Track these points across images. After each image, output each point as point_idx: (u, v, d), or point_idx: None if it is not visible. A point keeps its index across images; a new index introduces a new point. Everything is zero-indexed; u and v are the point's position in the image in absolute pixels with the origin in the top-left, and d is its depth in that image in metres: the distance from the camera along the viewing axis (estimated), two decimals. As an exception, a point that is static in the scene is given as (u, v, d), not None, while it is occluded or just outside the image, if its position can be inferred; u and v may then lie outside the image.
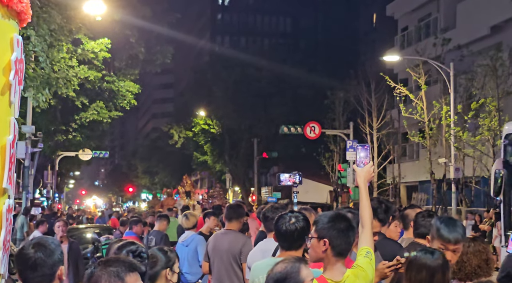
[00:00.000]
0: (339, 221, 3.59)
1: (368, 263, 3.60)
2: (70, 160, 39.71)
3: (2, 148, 2.66)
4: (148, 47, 26.55)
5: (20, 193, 24.20)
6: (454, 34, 29.63)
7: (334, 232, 3.57)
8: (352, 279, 3.51)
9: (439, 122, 26.06)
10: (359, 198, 3.96)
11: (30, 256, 2.99)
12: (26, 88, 14.25)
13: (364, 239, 3.75)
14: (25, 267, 2.99)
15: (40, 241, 3.10)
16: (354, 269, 3.56)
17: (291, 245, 4.08)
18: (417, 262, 3.65)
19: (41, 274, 2.99)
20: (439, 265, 3.60)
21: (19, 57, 2.75)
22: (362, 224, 3.79)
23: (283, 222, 4.08)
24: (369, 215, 3.83)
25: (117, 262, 2.67)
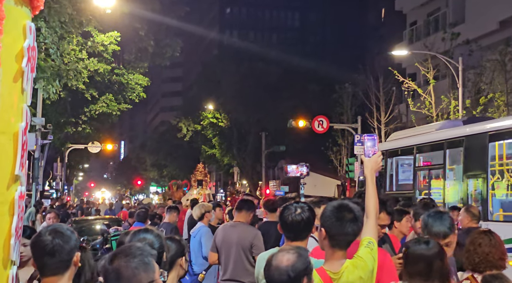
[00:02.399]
0: (338, 211, 3.56)
1: (368, 253, 3.55)
2: (79, 152, 39.85)
3: (15, 135, 2.68)
4: (157, 40, 26.58)
5: (30, 185, 24.35)
6: (463, 28, 29.49)
7: (332, 221, 3.56)
8: (350, 269, 3.48)
9: (447, 116, 25.97)
10: (365, 188, 3.93)
11: (47, 242, 3.03)
12: (36, 80, 14.34)
13: (367, 229, 3.70)
14: (42, 253, 3.04)
15: (56, 228, 3.13)
16: (354, 259, 3.53)
17: (297, 235, 4.06)
18: (413, 254, 3.64)
19: (59, 260, 3.04)
20: (436, 253, 3.60)
21: (31, 45, 2.78)
22: (367, 214, 3.76)
23: (288, 213, 4.04)
24: (374, 205, 3.80)
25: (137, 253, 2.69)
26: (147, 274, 2.65)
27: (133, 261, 2.64)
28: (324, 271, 3.51)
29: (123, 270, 2.61)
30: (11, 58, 2.68)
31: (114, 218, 19.55)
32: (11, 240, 2.64)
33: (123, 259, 2.64)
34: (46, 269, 3.06)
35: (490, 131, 12.36)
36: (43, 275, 3.08)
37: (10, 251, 2.64)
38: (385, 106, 31.67)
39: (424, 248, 3.63)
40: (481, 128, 12.67)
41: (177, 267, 3.98)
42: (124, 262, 2.63)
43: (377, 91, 32.07)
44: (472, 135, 12.83)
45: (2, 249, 2.60)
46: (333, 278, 3.48)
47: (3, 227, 2.62)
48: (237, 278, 7.15)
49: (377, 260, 3.61)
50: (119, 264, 2.62)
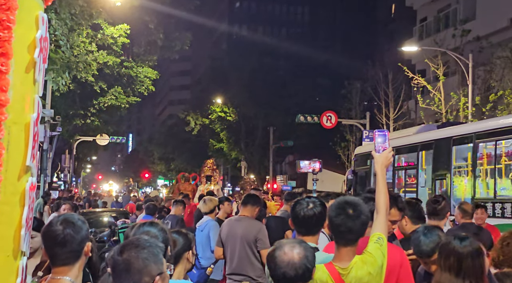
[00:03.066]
0: (340, 208, 3.55)
1: (377, 248, 3.53)
2: (87, 144, 39.98)
3: (27, 125, 2.68)
4: (166, 34, 26.58)
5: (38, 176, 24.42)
6: (474, 25, 29.34)
7: (333, 218, 3.56)
8: (359, 265, 3.47)
9: (457, 113, 25.89)
10: (376, 184, 3.91)
11: (59, 232, 3.04)
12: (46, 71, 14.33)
13: (377, 225, 3.69)
14: (54, 243, 3.04)
15: (67, 217, 3.14)
16: (363, 255, 3.51)
17: (309, 230, 4.05)
18: (446, 248, 3.70)
19: (70, 250, 3.04)
20: (468, 252, 3.62)
21: (44, 35, 2.78)
22: (377, 210, 3.75)
23: (301, 208, 4.03)
24: (384, 201, 3.77)
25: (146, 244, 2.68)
26: (156, 266, 2.64)
27: (143, 252, 2.63)
28: (333, 267, 3.50)
29: (134, 261, 2.60)
30: (24, 48, 2.68)
31: (121, 211, 19.61)
32: (21, 231, 2.64)
33: (133, 250, 2.63)
34: (57, 259, 3.06)
35: (453, 136, 13.67)
36: (54, 265, 3.08)
37: (21, 242, 2.64)
38: (394, 102, 31.59)
39: (457, 244, 3.67)
40: (446, 133, 14.02)
41: (183, 261, 3.98)
42: (134, 253, 2.62)
43: (386, 87, 31.98)
44: (440, 139, 14.26)
45: (12, 240, 2.60)
46: (341, 274, 3.47)
47: (13, 218, 2.62)
48: (242, 272, 7.16)
49: (386, 255, 3.58)
50: (130, 255, 2.61)
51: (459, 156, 13.57)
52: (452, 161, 13.52)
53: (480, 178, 12.87)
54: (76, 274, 3.10)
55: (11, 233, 2.60)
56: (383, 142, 4.02)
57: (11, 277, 2.62)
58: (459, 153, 13.55)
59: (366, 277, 3.46)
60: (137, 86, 27.80)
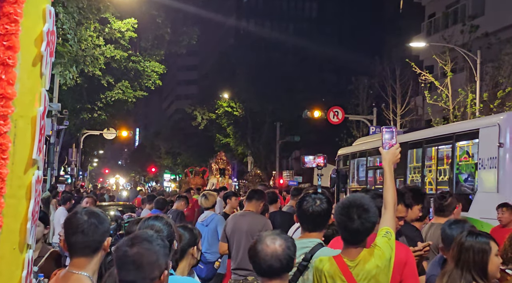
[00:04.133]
0: (346, 210, 3.58)
1: (386, 242, 3.57)
2: (94, 138, 40.06)
3: (33, 119, 2.69)
4: (174, 28, 26.60)
5: (45, 170, 24.51)
6: (482, 21, 29.20)
7: (338, 220, 3.61)
8: (367, 258, 3.51)
9: (464, 110, 25.80)
10: (383, 180, 3.93)
11: (83, 221, 3.06)
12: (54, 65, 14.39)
13: (385, 220, 3.73)
14: (76, 231, 3.05)
15: (92, 209, 3.18)
16: (371, 248, 3.56)
17: (316, 227, 4.06)
18: (455, 240, 3.80)
19: (92, 239, 3.06)
20: (470, 246, 3.71)
21: (51, 29, 2.78)
22: (385, 205, 3.78)
23: (308, 205, 4.04)
24: (392, 197, 3.80)
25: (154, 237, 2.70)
26: (165, 260, 2.66)
27: (154, 246, 2.64)
28: (341, 259, 3.55)
29: (146, 254, 2.61)
30: (31, 42, 2.68)
31: (128, 205, 19.65)
32: (27, 224, 2.64)
33: (144, 243, 2.63)
34: (77, 248, 3.07)
35: (409, 141, 15.58)
36: (74, 255, 3.08)
37: (27, 235, 2.65)
38: (401, 98, 31.50)
39: (464, 238, 3.75)
40: (404, 138, 15.47)
41: (188, 256, 3.97)
42: (146, 246, 2.63)
43: (393, 83, 31.90)
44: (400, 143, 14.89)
45: (18, 233, 2.61)
46: (350, 266, 3.52)
47: (20, 211, 2.62)
48: (247, 267, 7.14)
49: (394, 249, 3.62)
50: (141, 248, 2.61)
51: (413, 158, 15.70)
52: (408, 162, 15.62)
53: (426, 176, 14.76)
54: (94, 269, 3.10)
55: (17, 226, 2.61)
56: (390, 139, 4.02)
57: (17, 270, 2.63)
58: (413, 156, 15.69)
59: (374, 270, 3.50)
60: (144, 81, 27.84)
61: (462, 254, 3.70)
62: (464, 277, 3.65)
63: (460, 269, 3.68)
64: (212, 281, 8.77)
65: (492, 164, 11.48)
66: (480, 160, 12.01)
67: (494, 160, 11.42)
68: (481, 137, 12.08)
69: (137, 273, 2.58)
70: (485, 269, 3.67)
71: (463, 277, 3.66)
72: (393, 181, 3.90)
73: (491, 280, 3.69)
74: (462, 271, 3.68)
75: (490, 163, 11.55)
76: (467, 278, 3.65)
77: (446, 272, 3.78)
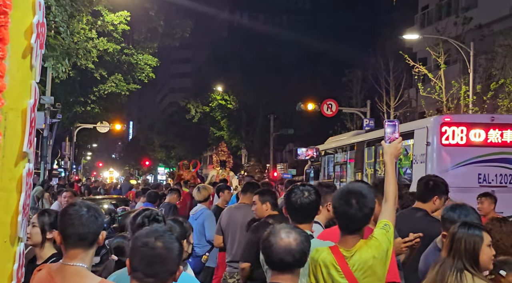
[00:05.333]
0: (343, 197, 3.60)
1: (383, 234, 3.59)
2: (87, 132, 39.96)
3: (23, 112, 2.68)
4: (167, 21, 26.52)
5: (38, 164, 24.45)
6: (475, 13, 29.22)
7: (335, 207, 3.63)
8: (364, 248, 3.52)
9: (458, 102, 25.86)
10: (385, 173, 3.96)
11: (82, 213, 3.08)
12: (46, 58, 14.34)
13: (384, 212, 3.76)
14: (75, 222, 3.07)
15: (89, 203, 3.20)
16: (368, 239, 3.57)
17: (304, 218, 4.06)
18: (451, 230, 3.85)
19: (90, 231, 3.07)
20: (462, 236, 3.75)
21: (40, 21, 2.75)
22: (386, 198, 3.80)
23: (296, 197, 4.05)
24: (394, 190, 3.83)
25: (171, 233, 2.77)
26: (181, 255, 2.75)
27: (175, 241, 2.72)
28: (337, 249, 3.56)
29: (171, 248, 2.68)
30: (20, 34, 2.66)
31: (121, 198, 19.63)
32: (18, 217, 2.64)
33: (168, 238, 2.70)
34: (75, 240, 3.07)
35: (366, 140, 17.69)
36: (70, 247, 3.07)
37: (18, 228, 2.64)
38: (395, 91, 31.53)
39: (456, 229, 3.81)
40: (362, 137, 18.19)
41: None
42: (170, 241, 2.69)
43: (387, 75, 31.92)
44: (359, 142, 18.28)
45: (9, 226, 2.60)
46: (346, 256, 3.53)
47: (10, 204, 2.61)
48: (242, 259, 7.18)
49: (393, 242, 3.64)
50: (167, 242, 2.68)
51: (369, 155, 17.35)
52: (365, 158, 17.41)
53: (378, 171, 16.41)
54: (90, 261, 3.11)
55: (8, 219, 2.60)
56: (392, 133, 4.03)
57: (9, 263, 2.62)
58: (369, 153, 17.34)
59: (370, 261, 3.51)
60: (138, 74, 27.77)
61: (454, 243, 3.73)
62: (455, 265, 3.69)
63: (452, 258, 3.72)
64: (201, 274, 8.78)
65: (422, 159, 13.36)
66: (414, 156, 13.99)
67: (423, 156, 13.29)
68: (415, 137, 13.92)
69: (161, 267, 2.64)
70: (476, 259, 3.70)
71: (454, 265, 3.69)
72: (394, 175, 3.92)
73: (482, 270, 3.71)
74: (454, 259, 3.71)
75: (421, 159, 13.47)
76: (458, 266, 3.69)
77: (438, 261, 3.83)
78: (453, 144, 13.26)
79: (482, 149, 13.15)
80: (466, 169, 13.04)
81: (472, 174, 12.60)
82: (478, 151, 13.12)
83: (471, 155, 13.22)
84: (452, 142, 13.28)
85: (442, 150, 13.21)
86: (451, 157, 13.24)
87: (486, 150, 13.17)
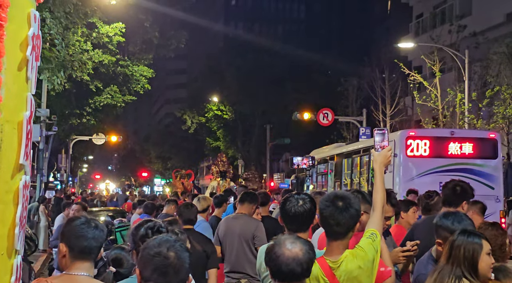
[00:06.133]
0: (328, 200, 3.60)
1: (369, 243, 3.57)
2: (83, 144, 39.91)
3: (19, 124, 2.67)
4: (162, 32, 26.56)
5: (34, 176, 24.39)
6: (470, 21, 29.35)
7: (321, 210, 3.61)
8: (350, 258, 3.49)
9: (453, 109, 25.91)
10: (374, 182, 3.95)
11: (91, 227, 3.26)
12: (41, 71, 14.34)
13: (372, 222, 3.75)
14: (85, 236, 3.21)
15: (94, 219, 3.37)
16: (354, 249, 3.55)
17: (300, 227, 4.04)
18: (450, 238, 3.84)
19: (95, 245, 3.24)
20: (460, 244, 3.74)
21: (36, 33, 2.76)
22: (373, 207, 3.80)
23: (291, 205, 4.03)
24: (381, 199, 3.82)
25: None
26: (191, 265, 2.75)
27: (186, 251, 2.71)
28: (323, 260, 3.53)
29: (183, 258, 2.67)
30: (16, 46, 2.67)
31: (118, 210, 19.60)
32: (15, 230, 2.63)
33: (179, 248, 2.69)
34: (81, 253, 3.20)
35: (344, 152, 19.46)
36: (76, 259, 3.20)
37: (15, 240, 2.63)
38: (391, 99, 31.60)
39: (455, 236, 3.80)
40: (339, 150, 20.06)
41: None
42: (182, 251, 2.69)
43: (382, 83, 31.99)
44: (338, 154, 20.08)
45: (6, 238, 2.59)
46: (332, 267, 3.51)
47: (7, 216, 2.60)
48: (240, 269, 7.17)
49: (379, 251, 3.61)
50: (179, 252, 2.68)
51: (347, 166, 18.87)
52: (344, 168, 19.00)
53: (353, 180, 18.04)
54: (92, 272, 3.24)
55: (5, 232, 2.59)
56: (381, 141, 4.04)
57: (6, 275, 2.61)
58: (347, 164, 18.86)
59: (356, 271, 3.49)
60: (133, 85, 27.78)
61: (453, 250, 3.73)
62: (453, 273, 3.68)
63: (451, 265, 3.71)
64: None
65: (390, 169, 14.43)
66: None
67: (392, 167, 14.51)
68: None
69: (174, 277, 2.64)
70: (475, 267, 3.69)
71: (452, 272, 3.69)
72: (383, 183, 3.90)
73: (481, 278, 3.70)
74: (453, 266, 3.71)
75: (389, 169, 14.29)
76: (456, 273, 3.68)
77: (437, 268, 3.82)
78: (417, 155, 14.68)
79: (443, 160, 14.54)
80: (429, 178, 14.25)
81: (434, 183, 13.28)
82: (440, 162, 14.47)
83: (433, 166, 14.49)
84: (416, 154, 14.68)
85: (407, 161, 14.66)
86: (416, 168, 14.60)
87: (447, 161, 14.57)
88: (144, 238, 3.63)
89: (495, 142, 15.17)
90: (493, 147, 15.11)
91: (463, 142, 14.92)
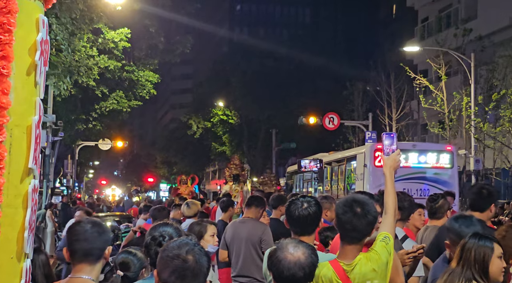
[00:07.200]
0: (346, 205, 3.58)
1: (383, 247, 3.57)
2: (89, 149, 39.94)
3: (28, 128, 2.69)
4: (167, 37, 26.58)
5: (41, 182, 24.43)
6: (475, 24, 29.33)
7: (338, 215, 3.60)
8: (363, 261, 3.50)
9: (459, 113, 25.86)
10: (384, 185, 3.96)
11: (86, 229, 3.21)
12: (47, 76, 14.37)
13: (384, 225, 3.76)
14: (80, 238, 3.19)
15: (94, 220, 3.35)
16: (368, 252, 3.55)
17: (304, 230, 4.04)
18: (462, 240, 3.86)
19: (94, 247, 3.20)
20: (471, 247, 3.76)
21: (44, 38, 2.78)
22: (385, 210, 3.81)
23: (295, 208, 4.04)
24: (393, 202, 3.83)
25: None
26: (209, 269, 2.77)
27: (205, 254, 2.71)
28: (337, 263, 3.54)
29: (202, 261, 2.67)
30: (24, 51, 2.69)
31: (124, 215, 19.61)
32: (24, 233, 2.64)
33: (198, 252, 2.68)
34: (81, 255, 3.18)
35: (324, 161, 21.21)
36: (77, 262, 3.18)
37: (24, 244, 2.65)
38: (397, 103, 31.56)
39: (467, 239, 3.83)
40: (321, 159, 21.53)
41: None
42: (200, 254, 2.68)
43: (388, 87, 31.96)
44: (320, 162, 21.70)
45: (16, 242, 2.61)
46: (346, 270, 3.51)
47: (17, 220, 2.62)
48: (247, 273, 7.16)
49: (393, 254, 3.62)
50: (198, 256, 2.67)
51: (328, 172, 20.85)
52: (326, 175, 20.94)
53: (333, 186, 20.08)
54: (96, 275, 3.20)
55: (14, 235, 2.60)
56: (390, 145, 4.06)
57: (15, 279, 2.62)
58: (327, 171, 20.85)
59: (370, 274, 3.49)
60: (139, 90, 27.80)
61: (464, 253, 3.74)
62: (464, 275, 3.69)
63: (461, 267, 3.73)
64: None
65: (361, 177, 16.76)
66: (356, 175, 17.56)
67: (362, 175, 16.74)
68: (357, 160, 17.54)
69: (192, 280, 2.63)
70: (486, 270, 3.69)
71: (463, 274, 3.69)
72: (394, 187, 3.92)
73: (492, 282, 3.70)
74: (463, 269, 3.72)
75: (360, 177, 16.91)
76: (466, 275, 3.69)
77: (447, 270, 3.84)
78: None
79: (406, 170, 16.20)
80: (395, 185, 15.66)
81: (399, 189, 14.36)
82: (403, 171, 15.97)
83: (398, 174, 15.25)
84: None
85: (376, 170, 16.15)
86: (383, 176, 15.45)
87: (409, 170, 16.37)
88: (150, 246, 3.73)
89: (452, 154, 17.19)
90: (450, 158, 17.09)
91: (424, 154, 16.99)
